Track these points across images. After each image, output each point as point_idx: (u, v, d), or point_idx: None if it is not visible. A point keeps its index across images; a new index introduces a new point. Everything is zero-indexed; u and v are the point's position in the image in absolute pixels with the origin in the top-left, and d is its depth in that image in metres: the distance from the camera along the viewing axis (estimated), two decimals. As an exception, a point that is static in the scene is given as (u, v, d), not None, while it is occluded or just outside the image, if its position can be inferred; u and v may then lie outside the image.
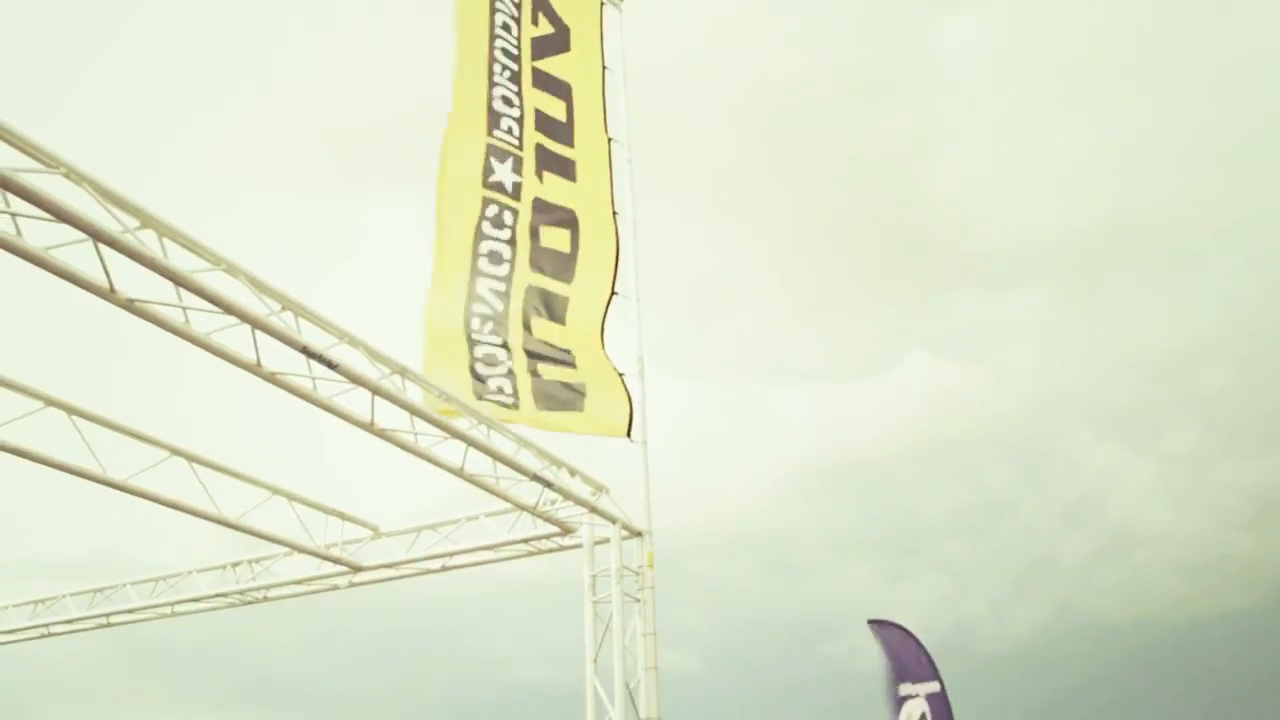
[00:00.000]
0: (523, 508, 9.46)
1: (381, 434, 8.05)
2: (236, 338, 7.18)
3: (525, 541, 10.22)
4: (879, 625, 13.84)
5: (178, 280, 6.57)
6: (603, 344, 10.52)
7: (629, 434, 10.08)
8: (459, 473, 8.64)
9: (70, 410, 8.82)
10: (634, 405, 10.11)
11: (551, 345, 10.17)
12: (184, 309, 6.83)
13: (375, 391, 7.66)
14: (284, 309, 7.23)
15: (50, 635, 12.91)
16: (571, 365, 10.05)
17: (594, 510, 9.60)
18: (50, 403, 8.71)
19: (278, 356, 7.39)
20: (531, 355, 9.94)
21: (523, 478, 9.01)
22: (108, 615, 12.31)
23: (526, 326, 10.12)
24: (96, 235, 6.24)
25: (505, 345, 9.84)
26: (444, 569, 10.72)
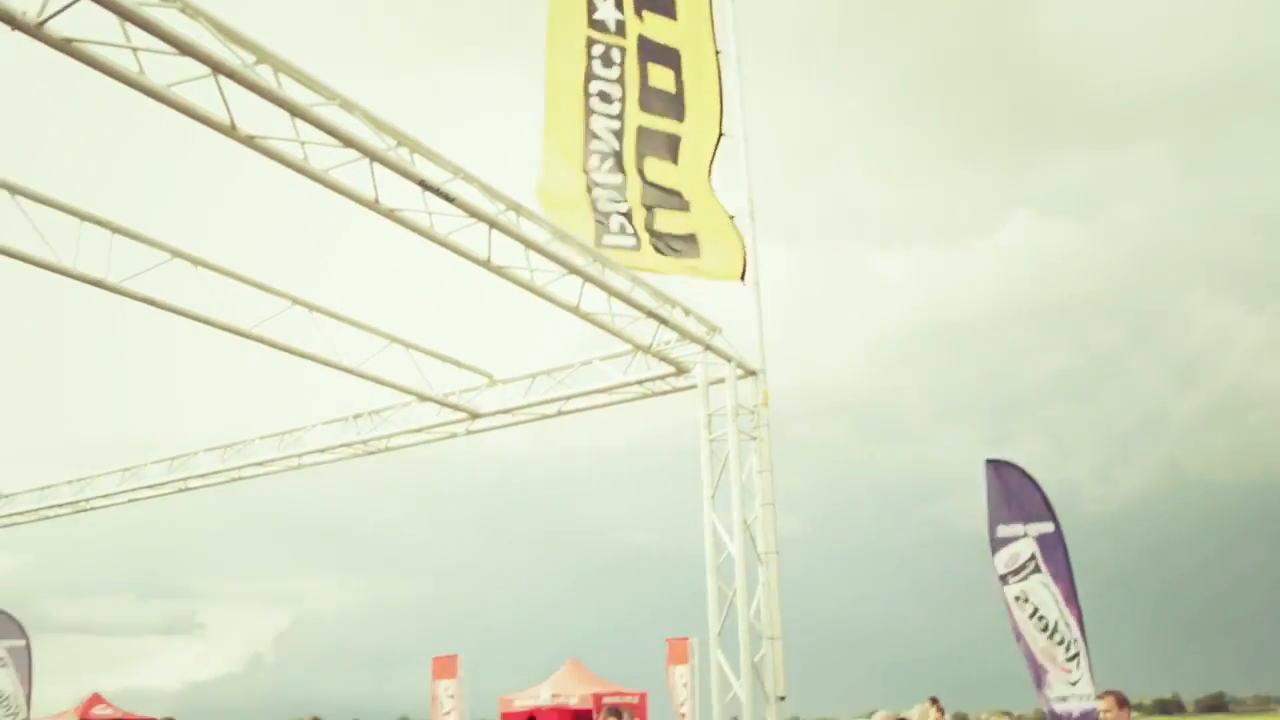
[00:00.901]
0: (638, 346, 9.49)
1: (498, 270, 8.08)
2: (354, 174, 7.23)
3: (639, 383, 10.28)
4: (992, 464, 13.60)
5: (296, 112, 6.59)
6: (711, 187, 10.39)
7: (742, 276, 10.00)
8: (575, 310, 8.67)
9: (196, 262, 9.03)
10: (746, 246, 10.01)
11: (665, 188, 10.11)
12: (302, 144, 6.87)
13: (493, 225, 7.67)
14: (399, 144, 7.23)
15: (187, 489, 13.49)
16: (685, 209, 9.98)
17: (709, 348, 9.59)
18: (176, 254, 8.92)
19: (395, 193, 7.44)
20: (647, 198, 9.91)
21: (638, 315, 9.01)
22: (239, 468, 12.80)
23: (640, 168, 10.07)
24: (217, 68, 6.27)
25: (624, 184, 9.83)
26: (559, 414, 10.86)
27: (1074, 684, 13.18)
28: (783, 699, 9.40)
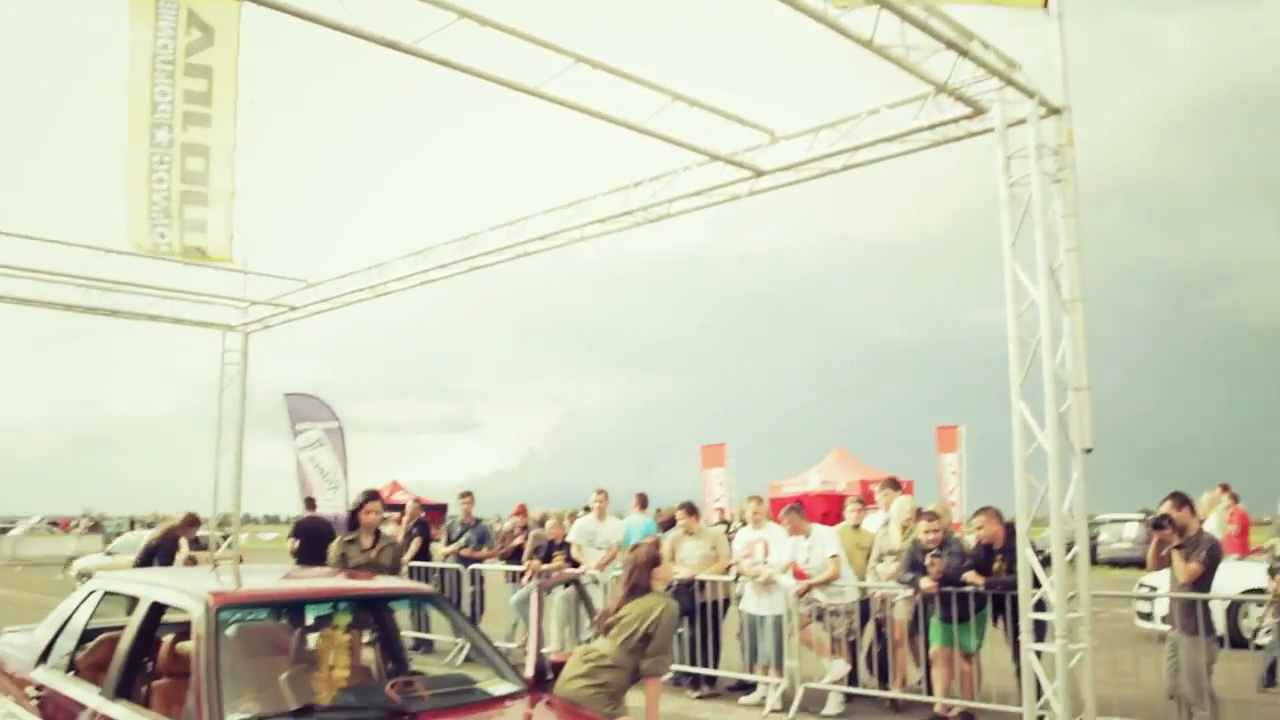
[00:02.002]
0: (935, 84, 8.93)
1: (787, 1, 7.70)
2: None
3: (931, 129, 9.73)
4: None
5: None
6: None
7: (1045, 3, 9.19)
8: (868, 44, 8.18)
9: (483, 22, 9.05)
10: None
11: None
12: None
13: (785, -55, 7.27)
14: None
15: (476, 268, 14.06)
16: None
17: (1009, 83, 8.92)
18: (462, 14, 8.98)
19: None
20: None
21: (938, 46, 8.43)
22: (524, 243, 13.18)
23: None
24: None
25: None
26: (845, 168, 10.47)
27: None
28: (1089, 451, 9.04)
